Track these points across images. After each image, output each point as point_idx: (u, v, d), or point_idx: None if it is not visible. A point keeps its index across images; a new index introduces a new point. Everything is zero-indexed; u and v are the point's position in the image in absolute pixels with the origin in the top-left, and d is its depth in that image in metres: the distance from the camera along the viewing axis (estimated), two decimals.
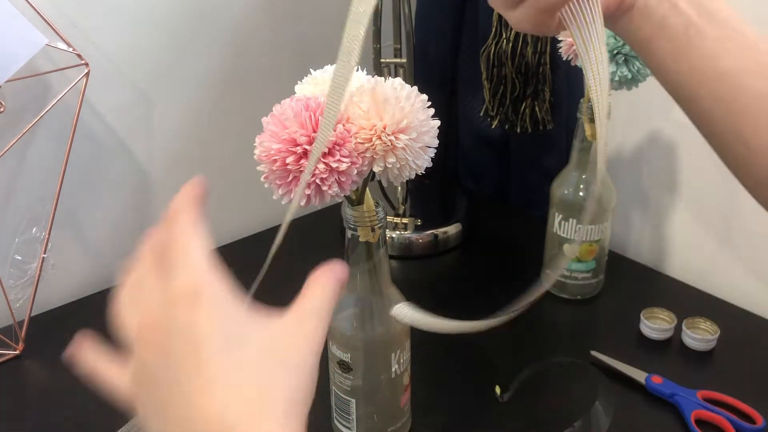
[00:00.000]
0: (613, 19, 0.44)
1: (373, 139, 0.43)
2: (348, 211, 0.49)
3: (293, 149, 0.41)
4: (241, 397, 0.29)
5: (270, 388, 0.29)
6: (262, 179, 0.44)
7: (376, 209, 0.49)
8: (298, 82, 0.48)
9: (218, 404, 0.28)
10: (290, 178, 0.42)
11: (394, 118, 0.43)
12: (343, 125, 0.43)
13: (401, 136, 0.43)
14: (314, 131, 0.41)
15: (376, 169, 0.44)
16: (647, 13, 0.43)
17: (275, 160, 0.42)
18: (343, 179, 0.43)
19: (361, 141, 0.43)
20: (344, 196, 0.46)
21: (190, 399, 0.29)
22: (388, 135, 0.43)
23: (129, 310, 0.33)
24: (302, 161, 0.41)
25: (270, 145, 0.42)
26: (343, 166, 0.42)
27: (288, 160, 0.41)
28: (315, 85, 0.47)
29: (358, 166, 0.43)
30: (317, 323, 0.32)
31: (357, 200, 0.49)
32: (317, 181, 0.42)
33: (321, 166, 0.41)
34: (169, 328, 0.30)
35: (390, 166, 0.44)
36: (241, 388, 0.29)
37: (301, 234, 0.97)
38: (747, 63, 0.42)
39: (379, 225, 0.49)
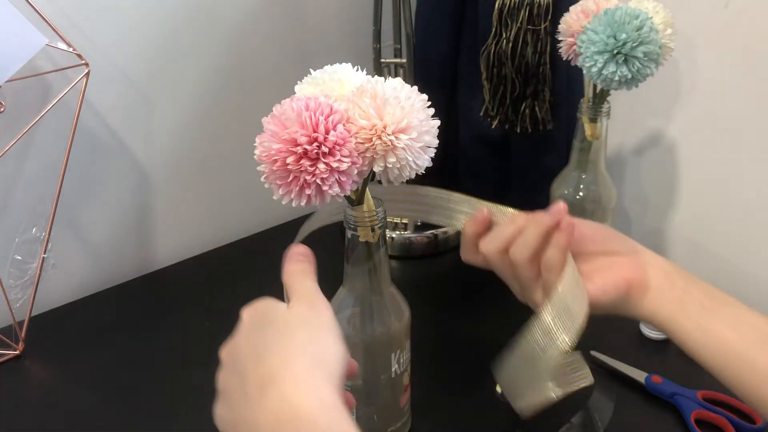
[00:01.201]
0: (632, 302, 0.49)
1: (374, 138, 0.43)
2: (348, 211, 0.49)
3: (293, 149, 0.41)
4: (293, 369, 0.35)
5: (314, 361, 0.36)
6: (262, 179, 0.44)
7: (376, 209, 0.49)
8: (298, 82, 0.48)
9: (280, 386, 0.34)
10: (290, 178, 0.42)
11: (395, 118, 0.43)
12: (344, 125, 0.43)
13: (401, 135, 0.43)
14: (314, 131, 0.41)
15: (376, 168, 0.44)
16: (664, 294, 0.49)
17: (275, 160, 0.42)
18: (343, 179, 0.43)
19: (362, 141, 0.43)
20: (344, 196, 0.46)
21: (255, 385, 0.35)
22: (389, 135, 0.43)
23: None
24: (302, 161, 0.41)
25: (270, 145, 0.42)
26: (344, 166, 0.42)
27: (288, 160, 0.41)
28: (315, 85, 0.47)
29: (358, 165, 0.43)
30: (320, 300, 0.40)
31: (357, 200, 0.49)
32: (318, 180, 0.42)
33: (321, 166, 0.41)
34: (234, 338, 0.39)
35: (390, 165, 0.43)
36: (294, 364, 0.35)
37: None
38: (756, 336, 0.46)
39: (379, 225, 0.50)
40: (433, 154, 0.45)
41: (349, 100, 0.44)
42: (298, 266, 0.42)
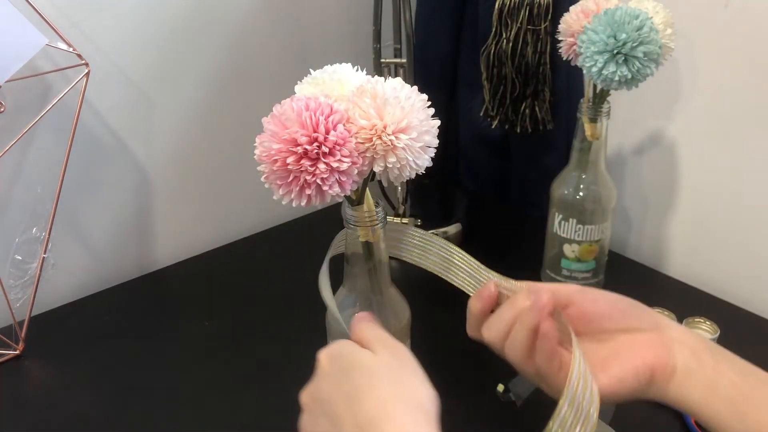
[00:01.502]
0: (657, 387, 0.44)
1: (374, 138, 0.43)
2: (348, 211, 0.49)
3: (294, 149, 0.41)
4: (391, 413, 0.36)
5: (410, 405, 0.38)
6: (262, 179, 0.44)
7: (376, 209, 0.49)
8: (298, 82, 0.48)
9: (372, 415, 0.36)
10: (290, 178, 0.42)
11: (395, 118, 0.43)
12: (344, 125, 0.43)
13: (401, 135, 0.43)
14: (314, 131, 0.41)
15: (376, 168, 0.44)
16: (692, 376, 0.44)
17: (275, 160, 0.42)
18: (343, 179, 0.43)
19: (362, 141, 0.43)
20: (344, 196, 0.46)
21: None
22: (389, 135, 0.43)
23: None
24: (303, 161, 0.41)
25: (270, 145, 0.42)
26: (344, 166, 0.42)
27: (288, 160, 0.41)
28: (315, 85, 0.47)
29: (358, 165, 0.43)
30: (401, 345, 0.42)
31: (357, 200, 0.49)
32: (318, 180, 0.42)
33: (322, 166, 0.41)
34: (319, 377, 0.41)
35: (390, 165, 0.43)
36: (391, 407, 0.37)
37: (301, 234, 0.97)
38: None
39: (379, 224, 0.49)
40: (433, 154, 0.45)
41: (349, 100, 0.44)
42: (366, 318, 0.45)
